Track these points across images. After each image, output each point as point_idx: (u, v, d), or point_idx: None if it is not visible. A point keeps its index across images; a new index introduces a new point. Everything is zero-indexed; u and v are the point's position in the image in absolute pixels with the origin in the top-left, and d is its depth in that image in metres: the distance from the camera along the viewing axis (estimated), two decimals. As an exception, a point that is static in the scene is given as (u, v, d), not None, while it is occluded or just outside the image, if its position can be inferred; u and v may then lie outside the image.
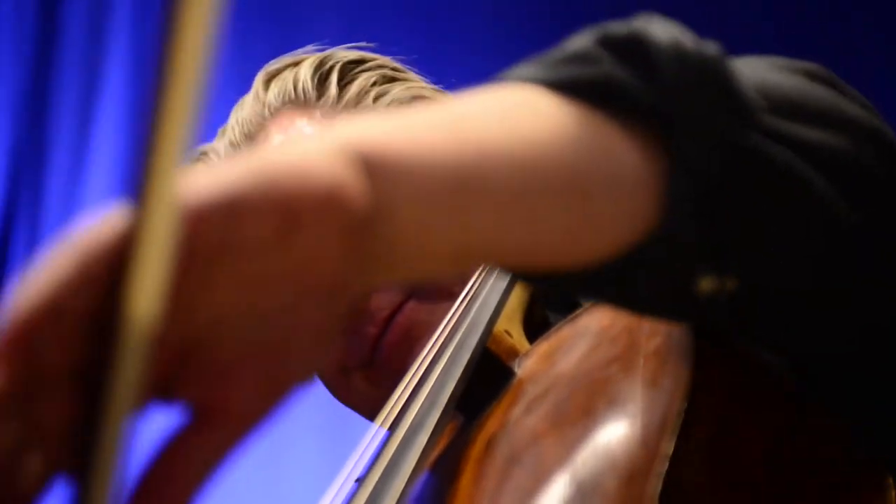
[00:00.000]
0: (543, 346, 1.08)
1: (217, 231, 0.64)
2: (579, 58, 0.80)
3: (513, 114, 0.76)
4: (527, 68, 0.81)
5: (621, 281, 0.80)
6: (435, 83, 1.54)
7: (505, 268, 0.81)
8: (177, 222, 0.61)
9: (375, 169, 0.69)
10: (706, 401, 0.87)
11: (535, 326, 1.20)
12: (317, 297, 0.66)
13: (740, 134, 0.79)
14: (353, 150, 0.69)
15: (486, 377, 1.07)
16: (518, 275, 0.82)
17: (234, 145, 1.45)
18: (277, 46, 1.57)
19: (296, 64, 1.50)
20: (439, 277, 1.01)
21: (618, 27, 0.81)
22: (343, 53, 1.50)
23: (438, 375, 1.08)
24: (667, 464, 0.84)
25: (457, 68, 1.57)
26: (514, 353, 1.10)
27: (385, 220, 0.69)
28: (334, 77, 1.47)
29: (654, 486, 0.84)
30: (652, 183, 0.78)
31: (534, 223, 0.75)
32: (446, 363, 1.08)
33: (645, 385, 0.90)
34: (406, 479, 0.97)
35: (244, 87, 1.55)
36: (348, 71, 1.48)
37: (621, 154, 0.77)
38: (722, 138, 0.79)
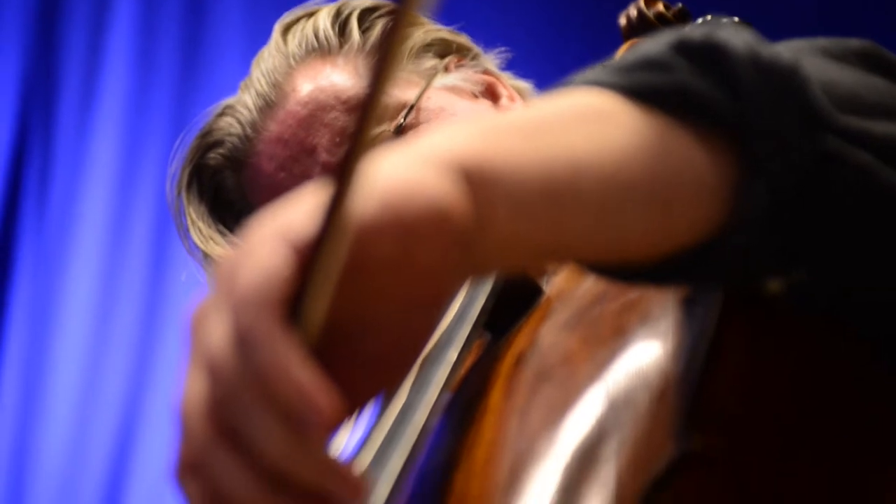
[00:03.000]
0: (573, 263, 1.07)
1: (353, 253, 0.70)
2: (655, 64, 0.81)
3: (594, 123, 0.79)
4: (601, 73, 0.82)
5: (688, 275, 0.83)
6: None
7: (580, 263, 0.86)
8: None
9: (476, 183, 0.74)
10: (739, 323, 0.87)
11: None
12: (424, 306, 0.73)
13: (817, 140, 0.80)
14: (456, 165, 0.74)
15: (514, 295, 1.07)
16: (590, 268, 0.86)
17: (262, 96, 1.46)
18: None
19: (310, 15, 1.51)
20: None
21: (692, 33, 0.81)
22: (357, 2, 1.51)
23: (467, 292, 1.08)
24: (698, 383, 0.84)
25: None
26: (542, 271, 1.10)
27: (485, 230, 0.74)
28: (354, 24, 1.48)
29: (685, 404, 0.84)
30: (728, 189, 0.80)
31: (615, 228, 0.79)
32: (474, 280, 1.08)
33: (678, 302, 0.90)
34: (436, 393, 0.98)
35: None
36: (367, 17, 1.50)
37: (699, 162, 0.80)
38: (800, 146, 0.79)
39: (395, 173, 0.72)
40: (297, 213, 0.72)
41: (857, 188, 0.81)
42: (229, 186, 1.48)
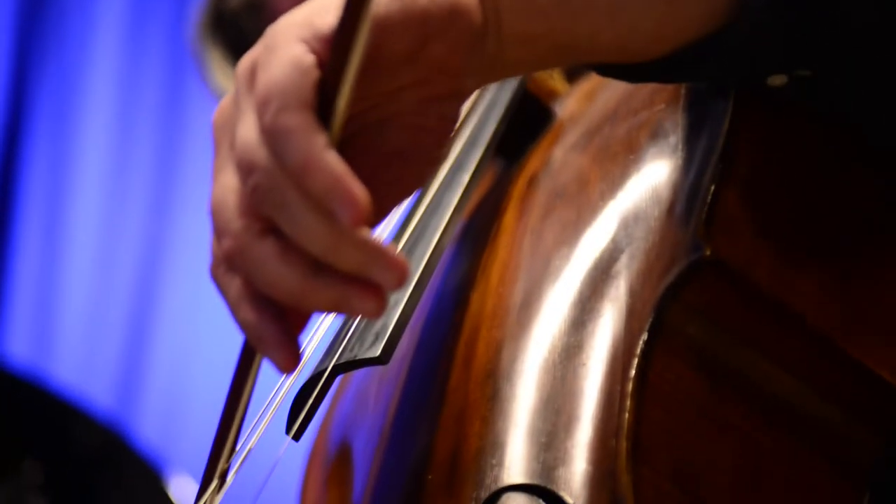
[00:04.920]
0: (584, 85, 1.07)
1: (371, 48, 0.71)
2: None
3: None
4: None
5: (693, 72, 0.84)
6: None
7: (588, 65, 0.88)
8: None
9: None
10: (748, 133, 0.87)
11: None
12: (439, 102, 0.76)
13: None
14: None
15: (527, 119, 1.07)
16: (598, 70, 0.87)
17: None
18: None
19: None
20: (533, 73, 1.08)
21: None
22: None
23: (479, 117, 1.08)
24: (710, 193, 0.84)
25: None
26: (554, 95, 1.10)
27: (495, 30, 0.77)
28: None
29: (696, 213, 0.84)
30: None
31: (622, 24, 0.80)
32: (486, 105, 1.09)
33: (688, 118, 0.90)
34: (448, 216, 0.98)
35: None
36: None
37: None
38: None
39: None
40: (317, 10, 0.73)
41: None
42: (249, 30, 1.49)
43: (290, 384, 0.90)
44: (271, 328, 0.73)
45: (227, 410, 0.81)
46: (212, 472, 0.83)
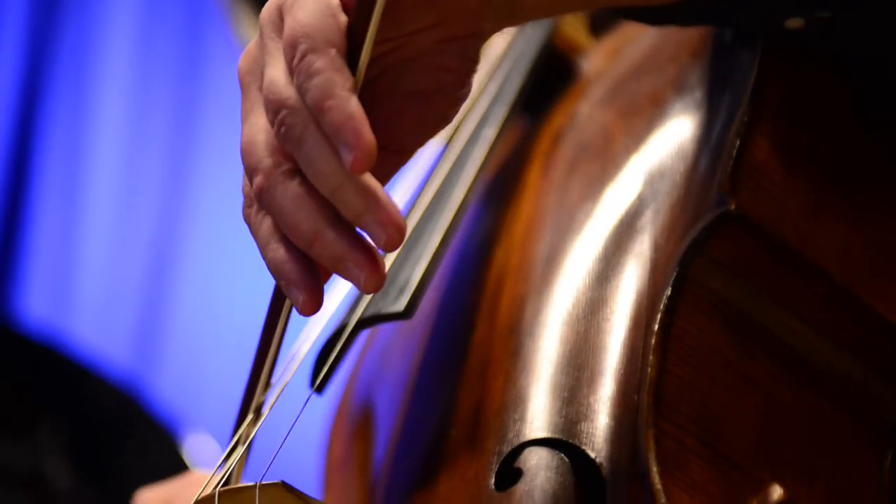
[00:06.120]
0: (610, 41, 1.07)
1: None
2: None
3: None
4: None
5: (712, 14, 0.85)
6: None
7: (609, 8, 0.88)
8: None
9: None
10: (774, 87, 0.86)
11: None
12: (458, 42, 0.76)
13: None
14: None
15: (552, 73, 1.07)
16: (621, 13, 0.88)
17: None
18: None
19: None
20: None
21: None
22: None
23: (504, 72, 1.08)
24: (736, 147, 0.84)
25: None
26: (579, 50, 1.10)
27: None
28: None
29: (721, 168, 0.84)
30: None
31: None
32: (512, 60, 1.09)
33: (712, 70, 0.90)
34: (474, 172, 0.99)
35: None
36: None
37: None
38: None
39: None
40: None
41: None
42: None
43: (323, 325, 0.91)
44: (296, 268, 0.74)
45: (260, 347, 0.82)
46: (247, 406, 0.84)
